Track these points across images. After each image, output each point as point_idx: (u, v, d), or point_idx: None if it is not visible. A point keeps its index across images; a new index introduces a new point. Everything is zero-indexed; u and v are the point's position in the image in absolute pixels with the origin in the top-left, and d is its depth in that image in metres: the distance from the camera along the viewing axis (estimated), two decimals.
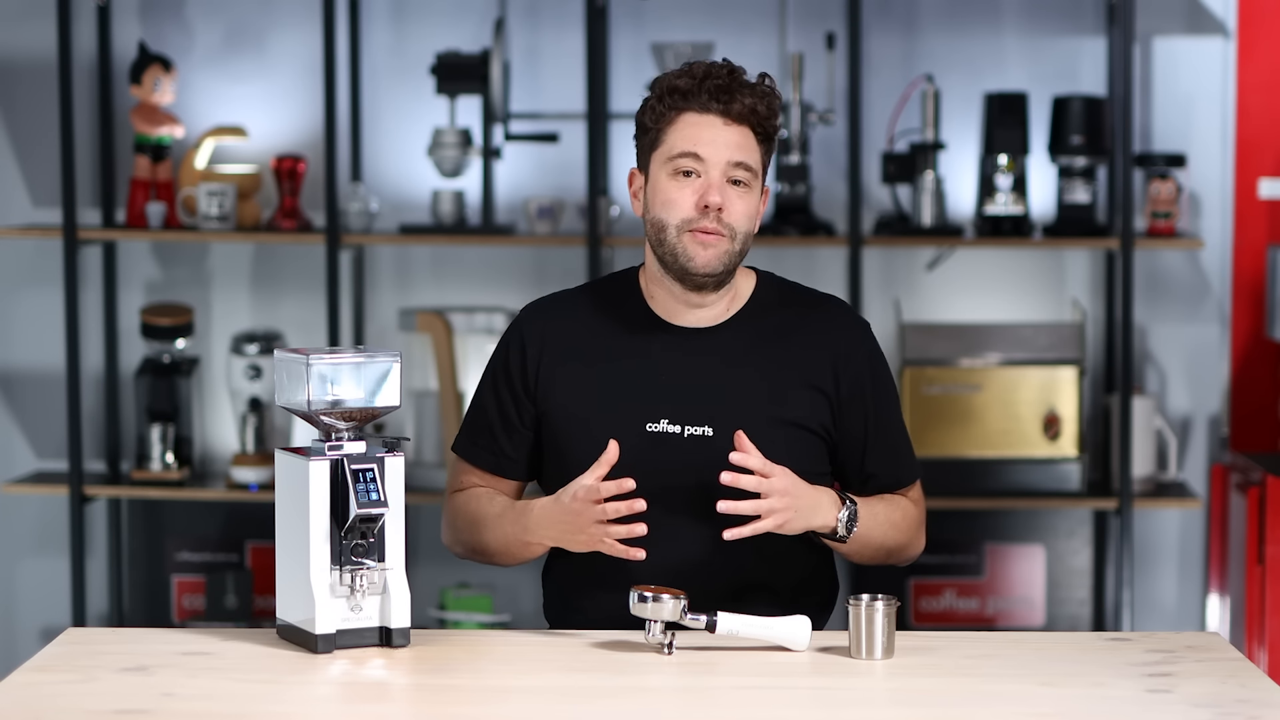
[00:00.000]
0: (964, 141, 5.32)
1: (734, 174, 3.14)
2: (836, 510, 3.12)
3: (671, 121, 3.15)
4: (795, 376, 3.21)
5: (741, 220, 3.15)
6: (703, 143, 3.13)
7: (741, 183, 3.15)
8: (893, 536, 3.22)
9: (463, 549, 3.28)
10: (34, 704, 2.72)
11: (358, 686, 2.86)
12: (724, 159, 3.13)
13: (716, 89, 3.13)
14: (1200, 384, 5.42)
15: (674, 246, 3.15)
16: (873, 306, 5.35)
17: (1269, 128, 5.33)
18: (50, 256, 5.42)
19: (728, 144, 3.13)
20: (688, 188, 3.14)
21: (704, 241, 3.14)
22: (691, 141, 3.13)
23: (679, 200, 3.14)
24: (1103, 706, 2.75)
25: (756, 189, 3.18)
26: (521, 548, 3.19)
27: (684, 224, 3.14)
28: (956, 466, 5.15)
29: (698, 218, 3.13)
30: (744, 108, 3.13)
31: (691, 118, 3.14)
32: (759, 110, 3.14)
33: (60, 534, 5.47)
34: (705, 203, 3.12)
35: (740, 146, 3.14)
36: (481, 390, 3.30)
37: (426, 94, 5.32)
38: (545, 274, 5.41)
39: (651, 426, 3.17)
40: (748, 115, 3.14)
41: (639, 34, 5.34)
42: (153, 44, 5.37)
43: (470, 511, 3.25)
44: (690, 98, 3.14)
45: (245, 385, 5.32)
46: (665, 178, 3.16)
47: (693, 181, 3.14)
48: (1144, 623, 5.35)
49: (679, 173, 3.15)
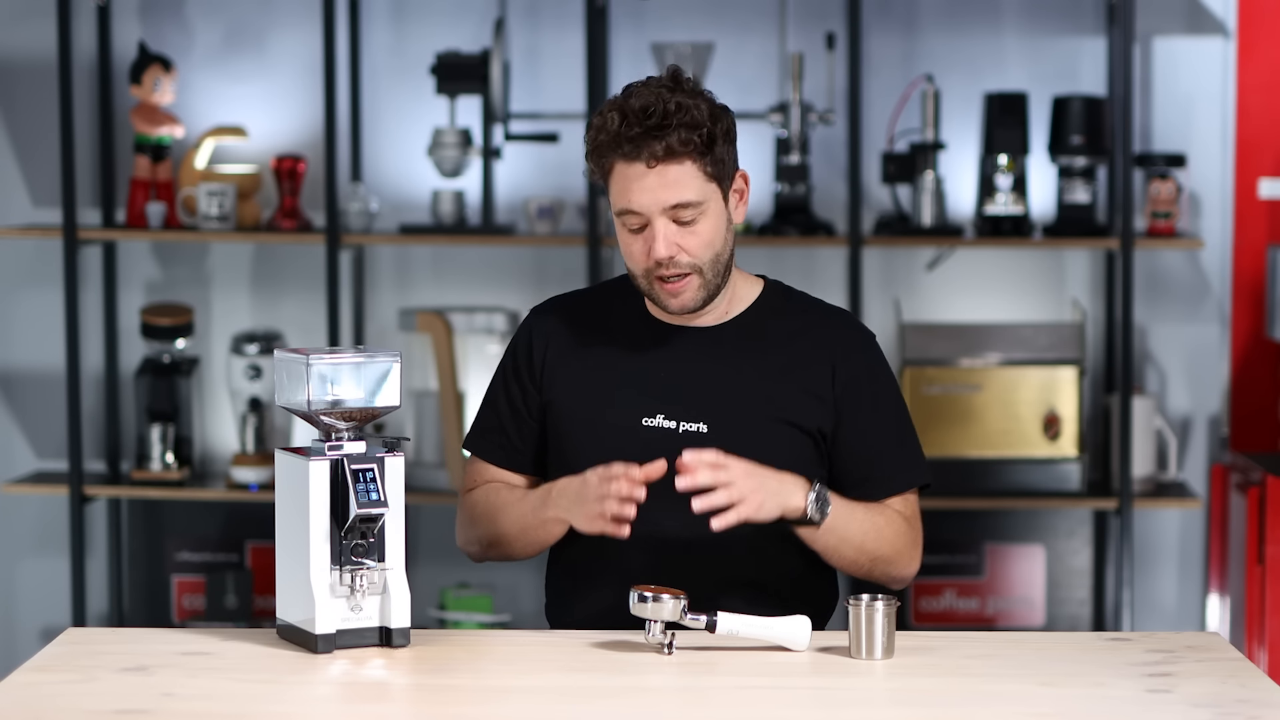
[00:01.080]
0: (964, 141, 5.32)
1: (677, 215, 3.11)
2: (805, 491, 3.10)
3: (609, 171, 3.14)
4: (792, 379, 3.21)
5: (702, 250, 3.13)
6: (633, 197, 3.10)
7: (688, 221, 3.12)
8: (875, 541, 3.17)
9: (478, 546, 3.28)
10: (34, 704, 2.72)
11: (358, 686, 2.86)
12: (660, 205, 3.10)
13: (634, 139, 3.08)
14: (1200, 384, 5.42)
15: (647, 291, 3.18)
16: (873, 306, 5.35)
17: (1269, 128, 5.33)
18: (50, 256, 5.42)
19: (661, 187, 3.09)
20: (639, 240, 3.14)
21: (670, 290, 3.14)
22: (625, 199, 3.11)
23: (635, 253, 3.15)
24: (1103, 706, 2.75)
25: (712, 210, 3.13)
26: (539, 526, 3.18)
27: (647, 274, 3.15)
28: (956, 466, 5.15)
29: (655, 267, 3.13)
30: (664, 148, 3.08)
31: (621, 169, 3.11)
32: (674, 146, 3.08)
33: (60, 534, 5.47)
34: (655, 259, 3.12)
35: (674, 184, 3.09)
36: (493, 388, 3.32)
37: (426, 94, 5.32)
38: (545, 274, 5.41)
39: (648, 421, 3.18)
40: (675, 149, 3.08)
41: (639, 34, 5.34)
42: (153, 44, 5.37)
43: (486, 503, 3.26)
44: (614, 149, 3.11)
45: (245, 385, 5.32)
46: (621, 230, 3.16)
47: (642, 234, 3.13)
48: (1144, 623, 5.35)
49: (626, 228, 3.14)
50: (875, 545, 3.18)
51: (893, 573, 3.22)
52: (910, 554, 3.23)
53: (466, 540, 3.31)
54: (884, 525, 3.19)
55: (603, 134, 3.12)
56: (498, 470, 3.30)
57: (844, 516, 3.15)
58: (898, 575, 3.23)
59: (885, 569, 3.22)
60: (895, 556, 3.21)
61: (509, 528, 3.23)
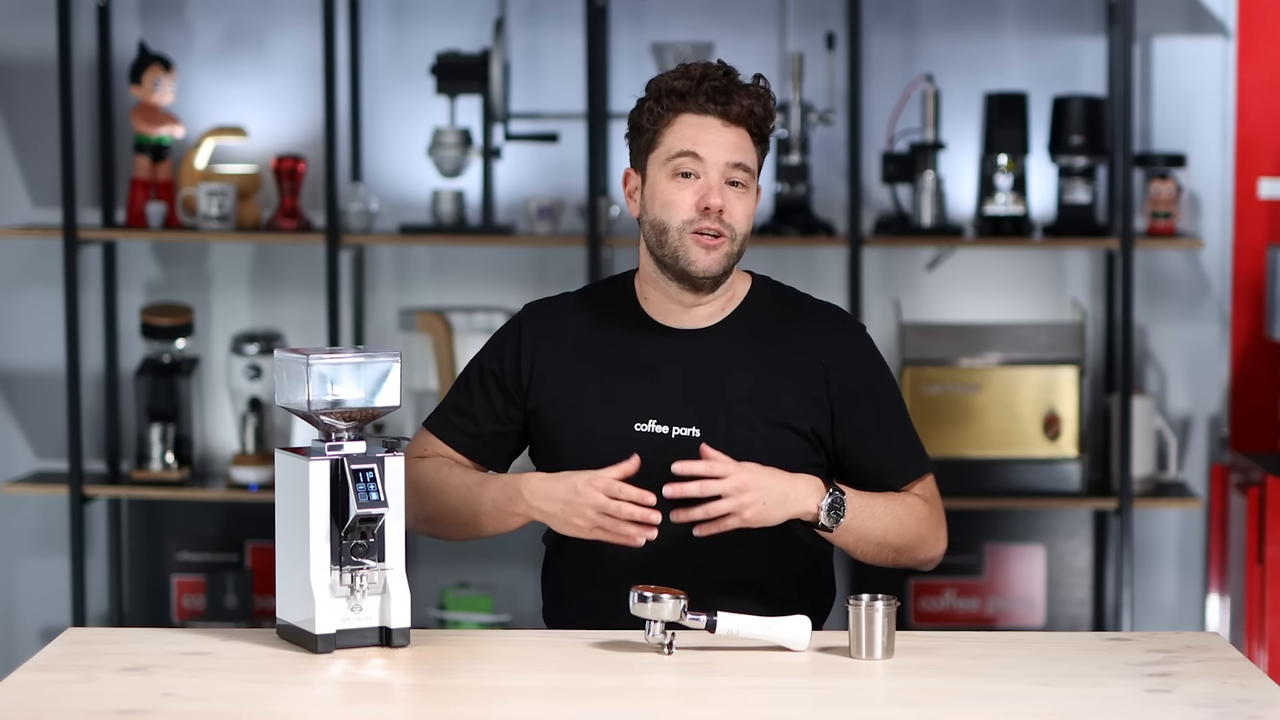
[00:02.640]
0: (964, 141, 5.33)
1: (732, 175, 3.15)
2: (818, 497, 3.11)
3: (669, 123, 3.15)
4: (786, 379, 3.21)
5: (741, 221, 3.16)
6: (701, 143, 3.13)
7: (739, 184, 3.15)
8: (897, 532, 3.19)
9: (412, 515, 3.20)
10: (34, 704, 2.72)
11: (358, 686, 2.86)
12: (723, 160, 3.14)
13: (714, 90, 3.13)
14: (1200, 384, 5.42)
15: (675, 248, 3.15)
16: (873, 306, 5.35)
17: (1269, 128, 5.33)
18: (50, 256, 5.42)
19: (726, 145, 3.14)
20: (688, 189, 3.15)
21: (706, 245, 3.14)
22: (690, 142, 3.14)
23: (679, 201, 3.14)
24: (1103, 706, 2.75)
25: (754, 190, 3.19)
26: (499, 518, 3.17)
27: (685, 225, 3.14)
28: (956, 466, 5.15)
29: (698, 219, 3.14)
30: (741, 109, 3.14)
31: (689, 119, 3.15)
32: (756, 112, 3.15)
33: (60, 534, 5.47)
34: (706, 204, 3.13)
35: (738, 148, 3.15)
36: (469, 376, 3.30)
37: (426, 94, 5.32)
38: (545, 274, 5.41)
39: (639, 427, 3.18)
40: (745, 117, 3.14)
41: (639, 34, 5.34)
42: (153, 44, 5.37)
43: (436, 479, 3.24)
44: (688, 99, 3.14)
45: (245, 385, 5.32)
46: (664, 179, 3.15)
47: (692, 183, 3.14)
48: (1144, 623, 5.35)
49: (678, 174, 3.15)
50: (898, 537, 3.19)
51: (919, 557, 3.24)
52: (935, 535, 3.24)
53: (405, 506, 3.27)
54: (905, 514, 3.20)
55: (682, 80, 3.15)
56: (445, 446, 3.29)
57: (862, 515, 3.14)
58: (924, 559, 3.24)
59: (911, 555, 3.22)
60: (919, 542, 3.22)
61: (459, 509, 3.21)
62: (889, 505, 3.19)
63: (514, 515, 3.16)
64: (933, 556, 3.25)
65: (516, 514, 3.16)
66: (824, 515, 3.10)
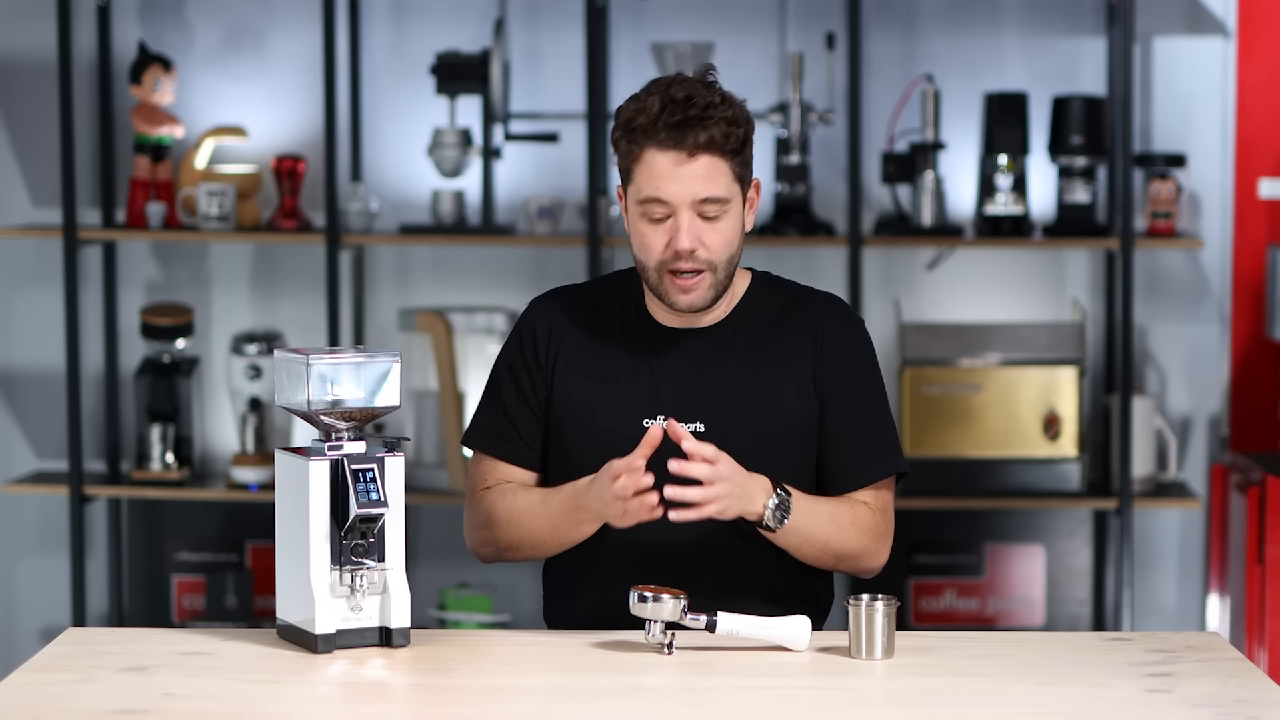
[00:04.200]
0: (964, 141, 5.32)
1: (702, 210, 3.11)
2: (765, 498, 3.08)
3: (636, 159, 3.11)
4: (785, 372, 3.21)
5: (719, 249, 3.13)
6: (664, 187, 3.09)
7: (712, 217, 3.12)
8: (839, 539, 3.15)
9: (493, 548, 3.23)
10: (34, 704, 2.72)
11: (358, 686, 2.86)
12: (689, 198, 3.10)
13: (673, 126, 3.07)
14: (1200, 384, 5.42)
15: (656, 286, 3.15)
16: (873, 306, 5.35)
17: (1269, 128, 5.33)
18: (50, 256, 5.42)
19: (693, 178, 3.09)
20: (659, 230, 3.12)
21: (683, 286, 3.13)
22: (655, 186, 3.10)
23: (652, 244, 3.13)
24: (1103, 706, 2.75)
25: (734, 209, 3.14)
26: (571, 527, 3.14)
27: (661, 265, 3.13)
28: (956, 466, 5.15)
29: (672, 259, 3.12)
30: (701, 141, 3.08)
31: (653, 155, 3.10)
32: (716, 139, 3.09)
33: (60, 534, 5.47)
34: (675, 249, 3.11)
35: (705, 179, 3.10)
36: (497, 382, 3.28)
37: (426, 94, 5.32)
38: (545, 274, 5.41)
39: (648, 422, 3.17)
40: (708, 145, 3.09)
41: (639, 34, 5.34)
42: (153, 44, 5.37)
43: (507, 508, 3.20)
44: (649, 134, 3.09)
45: (245, 385, 5.32)
46: (637, 218, 3.14)
47: (663, 224, 3.12)
48: (1144, 623, 5.35)
49: (648, 216, 3.13)
50: (839, 543, 3.16)
51: (858, 566, 3.20)
52: (877, 547, 3.20)
53: (481, 542, 3.25)
54: (849, 523, 3.16)
55: (641, 116, 3.10)
56: (506, 468, 3.26)
57: (806, 518, 3.12)
58: (863, 568, 3.21)
59: (851, 564, 3.19)
60: (861, 552, 3.18)
61: (538, 531, 3.18)
62: (834, 512, 3.16)
63: (584, 522, 3.13)
64: (872, 567, 3.21)
65: (585, 519, 3.13)
66: (769, 516, 3.09)
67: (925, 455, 5.14)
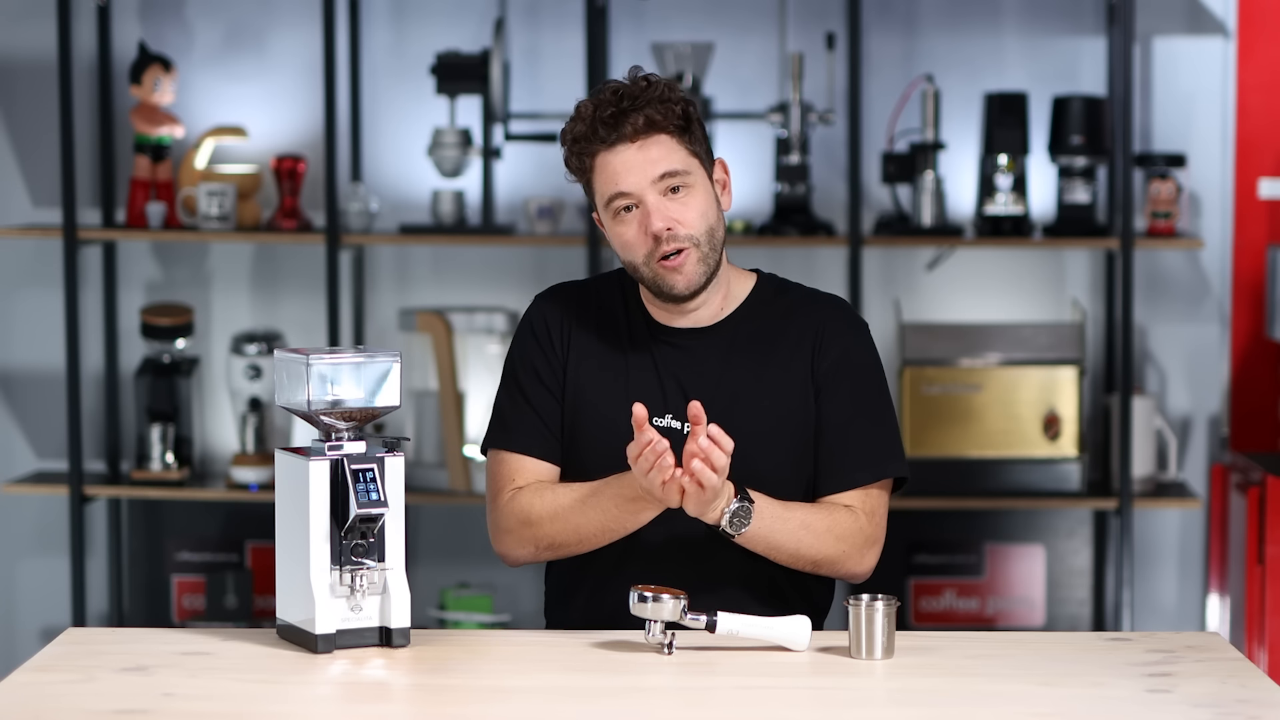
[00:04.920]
0: (964, 141, 5.33)
1: (665, 184, 3.12)
2: (724, 503, 3.04)
3: (592, 169, 3.14)
4: (787, 372, 3.21)
5: (696, 221, 3.13)
6: (621, 178, 3.11)
7: (679, 188, 3.13)
8: (812, 545, 3.13)
9: (534, 547, 3.19)
10: (34, 704, 2.73)
11: (358, 686, 2.86)
12: (647, 180, 3.11)
13: (607, 121, 3.10)
14: (1200, 384, 5.42)
15: (650, 279, 3.16)
16: (873, 306, 5.35)
17: (1269, 128, 5.33)
18: (50, 256, 5.42)
19: (644, 164, 3.11)
20: (633, 223, 3.13)
21: (673, 267, 3.13)
22: (613, 182, 3.12)
23: (631, 241, 3.14)
24: (1103, 706, 2.75)
25: (700, 180, 3.15)
26: (629, 516, 3.10)
27: (648, 258, 3.14)
28: (956, 466, 5.15)
29: (655, 247, 3.13)
30: (639, 124, 3.10)
31: (604, 157, 3.12)
32: (655, 117, 3.10)
33: (60, 534, 5.47)
34: (652, 231, 3.12)
35: (658, 159, 3.11)
36: (514, 379, 3.26)
37: (426, 94, 5.32)
38: (545, 274, 5.41)
39: (656, 422, 3.17)
40: (648, 127, 3.11)
41: (639, 34, 5.34)
42: (153, 44, 5.37)
43: (551, 505, 3.17)
44: (592, 139, 3.12)
45: (245, 385, 5.32)
46: (611, 221, 3.15)
47: (635, 215, 3.13)
48: (1144, 623, 5.35)
49: (619, 213, 3.14)
50: (812, 550, 3.13)
51: (839, 571, 3.18)
52: (861, 552, 3.17)
53: (517, 543, 3.20)
54: (824, 530, 3.14)
55: (579, 124, 3.13)
56: (534, 464, 3.21)
57: (771, 524, 3.09)
58: (845, 574, 3.19)
59: (830, 569, 3.17)
60: (840, 558, 3.16)
61: (589, 526, 3.14)
62: (806, 519, 3.13)
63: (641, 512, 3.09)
64: (856, 572, 3.18)
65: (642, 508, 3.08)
66: (726, 522, 3.06)
67: (925, 455, 5.14)
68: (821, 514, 3.15)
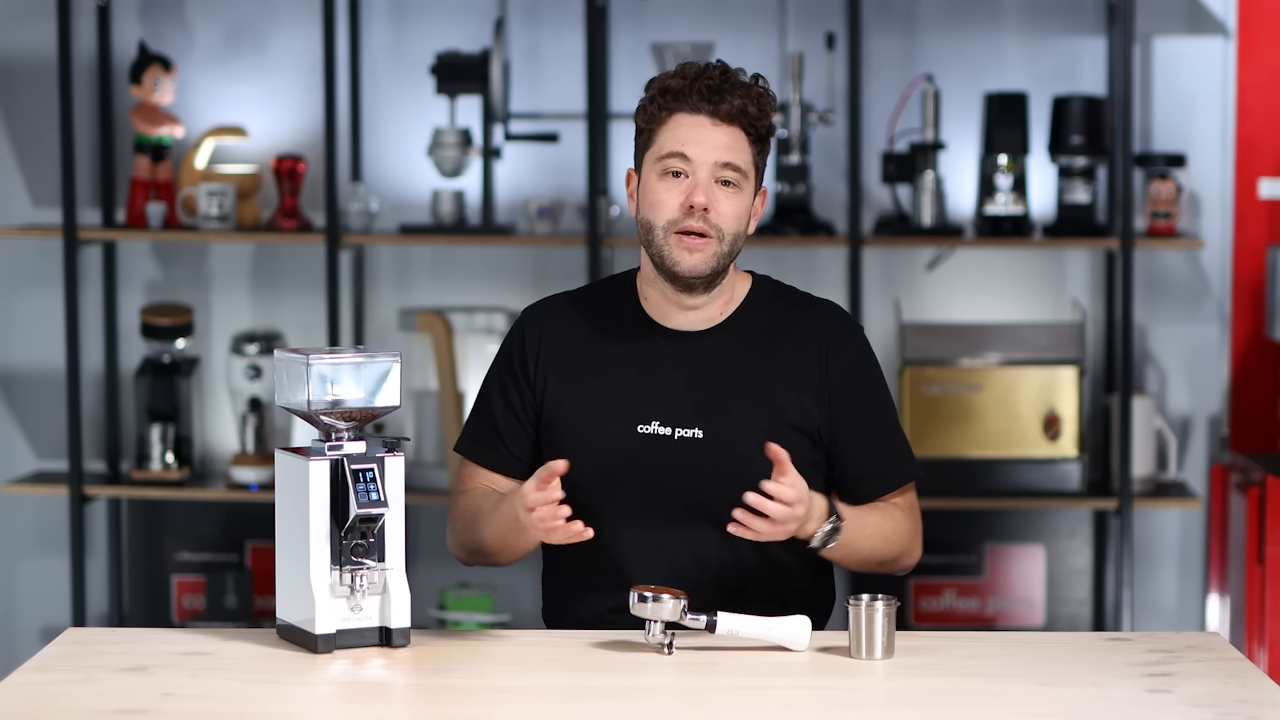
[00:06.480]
0: (964, 141, 5.33)
1: (722, 174, 3.14)
2: (817, 524, 3.09)
3: (663, 122, 3.16)
4: (785, 379, 3.21)
5: (730, 221, 3.15)
6: (690, 143, 3.13)
7: (731, 183, 3.15)
8: (882, 548, 3.20)
9: (464, 551, 3.26)
10: (34, 704, 2.73)
11: (358, 686, 2.86)
12: (711, 159, 3.13)
13: (707, 89, 3.13)
14: (1200, 384, 5.42)
15: (661, 248, 3.16)
16: (873, 306, 5.35)
17: (1269, 128, 5.33)
18: (50, 256, 5.42)
19: (716, 144, 3.13)
20: (675, 188, 3.14)
21: (689, 245, 3.14)
22: (680, 142, 3.13)
23: (666, 201, 3.14)
24: (1103, 706, 2.75)
25: (748, 190, 3.17)
26: (516, 536, 3.13)
27: (670, 225, 3.14)
28: (956, 466, 5.15)
29: (683, 218, 3.13)
30: (733, 108, 3.13)
31: (682, 118, 3.15)
32: (749, 111, 3.14)
33: (60, 534, 5.47)
34: (690, 203, 3.12)
35: (729, 147, 3.14)
36: (487, 391, 3.30)
37: (426, 94, 5.32)
38: (545, 274, 5.41)
39: (642, 429, 3.17)
40: (738, 115, 3.14)
41: (639, 34, 5.34)
42: (153, 44, 5.37)
43: (470, 510, 3.24)
44: (681, 98, 3.14)
45: (245, 385, 5.32)
46: (654, 178, 3.16)
47: (680, 182, 3.14)
48: (1144, 623, 5.35)
49: (667, 173, 3.15)
50: (883, 552, 3.21)
51: (897, 567, 3.27)
52: (914, 546, 3.27)
53: (454, 544, 3.29)
54: (890, 530, 3.21)
55: (677, 79, 3.15)
56: (487, 474, 3.28)
57: (853, 533, 3.15)
58: (901, 568, 3.27)
59: (891, 566, 3.26)
60: (901, 554, 3.25)
61: (489, 537, 3.19)
62: (880, 523, 3.20)
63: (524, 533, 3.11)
64: (909, 566, 3.28)
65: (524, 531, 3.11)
66: (818, 538, 3.10)
67: (925, 455, 5.13)
68: (888, 519, 3.22)
